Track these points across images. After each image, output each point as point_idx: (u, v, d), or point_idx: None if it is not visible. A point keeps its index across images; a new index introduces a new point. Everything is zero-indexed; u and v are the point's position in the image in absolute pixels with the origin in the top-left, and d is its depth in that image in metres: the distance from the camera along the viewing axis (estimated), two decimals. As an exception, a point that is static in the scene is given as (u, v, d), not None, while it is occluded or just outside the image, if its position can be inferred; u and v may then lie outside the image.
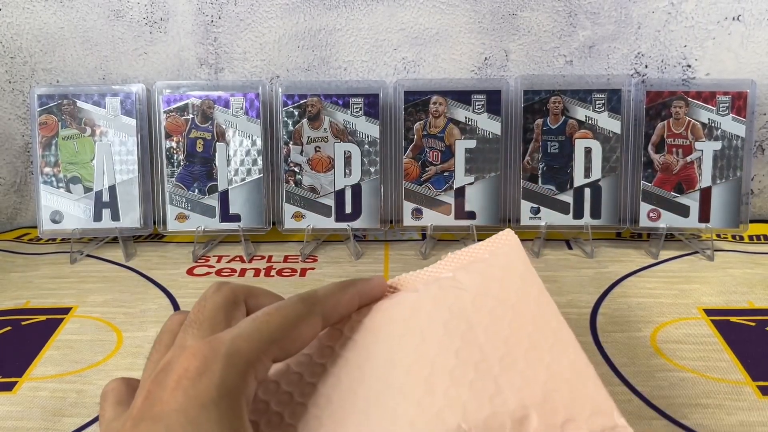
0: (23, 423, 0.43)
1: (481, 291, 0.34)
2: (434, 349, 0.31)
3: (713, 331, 0.51)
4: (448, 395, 0.29)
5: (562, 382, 0.30)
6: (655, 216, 0.65)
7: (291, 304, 0.32)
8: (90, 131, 0.66)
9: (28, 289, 0.59)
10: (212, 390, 0.27)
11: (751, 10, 0.66)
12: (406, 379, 0.30)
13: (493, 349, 0.31)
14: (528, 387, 0.30)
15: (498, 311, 0.33)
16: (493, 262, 0.37)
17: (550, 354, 0.31)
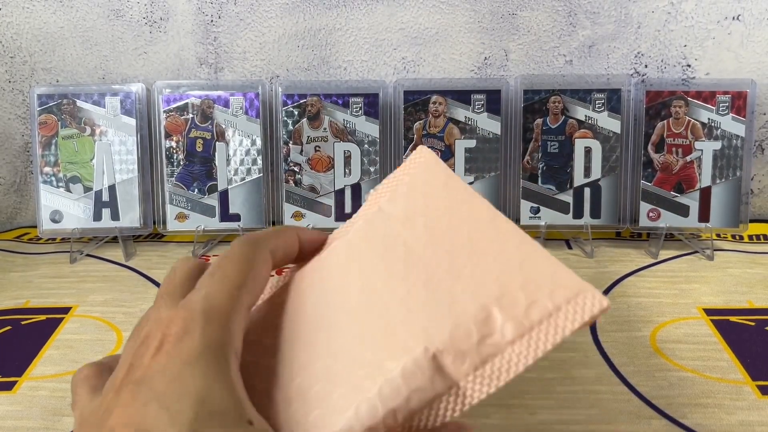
0: (23, 422, 0.43)
1: (409, 212, 0.34)
2: (379, 284, 0.31)
3: (713, 331, 0.51)
4: (406, 324, 0.28)
5: (514, 270, 0.29)
6: (655, 216, 0.64)
7: (238, 249, 0.32)
8: (90, 131, 0.66)
9: (27, 288, 0.59)
10: (195, 347, 0.27)
11: (750, 9, 0.66)
12: (361, 325, 0.30)
13: (438, 263, 0.30)
14: (482, 286, 0.29)
15: (431, 225, 0.32)
16: (414, 181, 0.36)
17: (494, 247, 0.31)
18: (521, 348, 0.27)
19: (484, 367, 0.27)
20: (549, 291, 0.28)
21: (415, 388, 0.27)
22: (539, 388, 0.45)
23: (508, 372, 0.27)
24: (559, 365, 0.47)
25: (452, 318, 0.28)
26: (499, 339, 0.27)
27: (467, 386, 0.27)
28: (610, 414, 0.42)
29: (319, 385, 0.29)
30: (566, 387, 0.45)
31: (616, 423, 0.42)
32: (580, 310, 0.28)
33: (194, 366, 0.26)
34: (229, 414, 0.26)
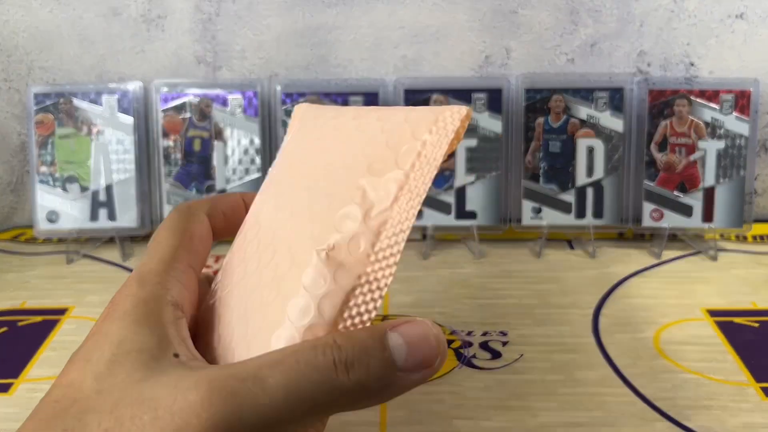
0: (19, 425, 0.42)
1: (286, 158, 0.34)
2: (274, 224, 0.31)
3: (717, 332, 0.51)
4: (297, 244, 0.28)
5: (376, 139, 0.29)
6: (658, 216, 0.64)
7: (170, 217, 0.33)
8: (87, 130, 0.66)
9: (24, 289, 0.59)
10: (126, 306, 0.28)
11: (754, 8, 0.65)
12: (265, 265, 0.30)
13: (314, 182, 0.30)
14: (352, 170, 0.28)
15: (304, 154, 0.32)
16: (292, 140, 0.36)
17: (357, 135, 0.30)
18: (405, 199, 0.27)
19: (380, 240, 0.26)
20: (410, 133, 0.28)
21: (322, 295, 0.26)
22: (541, 390, 0.44)
23: (403, 229, 0.26)
24: (561, 367, 0.47)
25: (331, 212, 0.27)
26: (382, 204, 0.27)
27: (375, 269, 0.26)
28: (613, 416, 0.42)
29: (242, 331, 0.29)
30: (569, 389, 0.44)
31: (620, 425, 0.41)
32: (443, 130, 0.27)
33: (122, 320, 0.27)
34: (149, 350, 0.26)
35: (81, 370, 0.26)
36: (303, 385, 0.24)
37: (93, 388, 0.25)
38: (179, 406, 0.23)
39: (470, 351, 0.49)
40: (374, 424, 0.42)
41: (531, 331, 0.51)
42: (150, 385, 0.24)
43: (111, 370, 0.25)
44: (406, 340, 0.25)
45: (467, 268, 0.61)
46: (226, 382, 0.24)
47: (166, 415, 0.23)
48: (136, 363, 0.25)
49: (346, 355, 0.24)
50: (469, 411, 0.43)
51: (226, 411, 0.23)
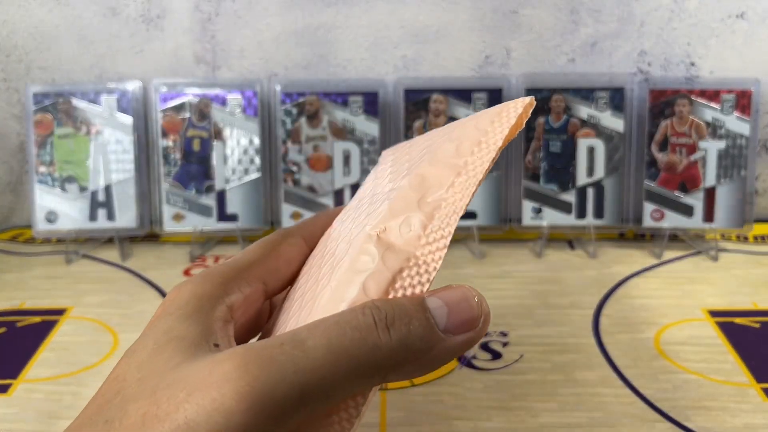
0: (18, 425, 0.42)
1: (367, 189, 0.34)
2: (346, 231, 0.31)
3: (717, 333, 0.50)
4: (356, 243, 0.28)
5: (443, 139, 0.29)
6: (659, 216, 0.64)
7: (267, 237, 0.33)
8: (86, 130, 0.66)
9: (23, 289, 0.59)
10: (180, 300, 0.27)
11: (755, 7, 0.65)
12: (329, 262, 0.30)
13: (384, 192, 0.30)
14: (416, 167, 0.29)
15: (394, 169, 0.33)
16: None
17: (431, 144, 0.30)
18: (461, 183, 0.27)
19: (432, 222, 0.26)
20: (474, 125, 0.28)
21: (369, 275, 0.26)
22: (541, 390, 0.44)
23: (456, 210, 0.26)
24: (562, 368, 0.47)
25: (388, 201, 0.28)
26: (438, 189, 0.27)
27: (425, 252, 0.26)
28: (614, 417, 0.42)
29: (293, 324, 0.29)
30: (569, 390, 0.44)
31: (620, 426, 0.41)
32: (505, 119, 0.28)
33: (172, 315, 0.27)
34: (189, 338, 0.25)
35: (127, 363, 0.25)
36: (344, 344, 0.23)
37: (135, 377, 0.24)
38: (214, 378, 0.22)
39: (470, 351, 0.49)
40: (374, 425, 0.41)
41: (531, 332, 0.51)
42: (185, 367, 0.24)
43: (151, 359, 0.25)
44: (445, 302, 0.25)
45: (467, 268, 0.61)
46: (263, 350, 0.23)
47: (201, 388, 0.22)
48: (177, 349, 0.25)
49: (385, 314, 0.24)
50: (469, 412, 0.43)
51: (265, 377, 0.22)
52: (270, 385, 0.22)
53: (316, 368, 0.22)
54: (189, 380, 0.23)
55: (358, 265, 0.26)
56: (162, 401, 0.23)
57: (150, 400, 0.23)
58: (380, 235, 0.26)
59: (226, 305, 0.28)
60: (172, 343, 0.25)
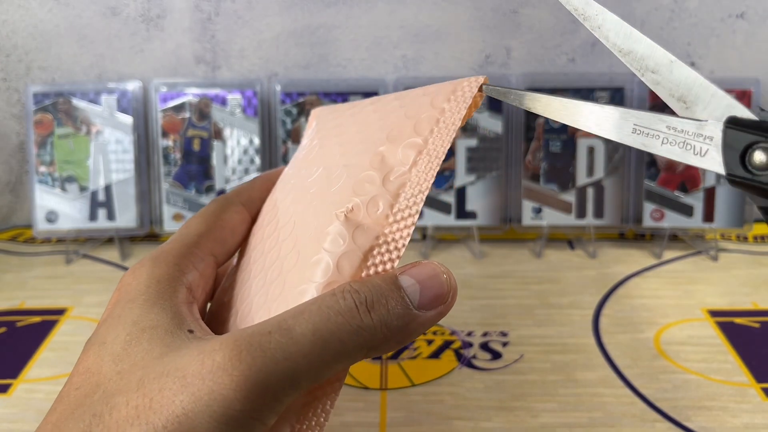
0: (18, 425, 0.42)
1: (312, 157, 0.34)
2: (298, 208, 0.31)
3: (717, 333, 0.50)
4: (318, 218, 0.28)
5: (395, 112, 0.29)
6: (659, 216, 0.64)
7: (207, 206, 0.33)
8: (86, 130, 0.66)
9: (22, 289, 0.59)
10: (139, 285, 0.27)
11: (755, 7, 0.65)
12: (286, 245, 0.30)
13: (335, 162, 0.30)
14: (371, 142, 0.29)
15: (326, 144, 0.33)
16: (309, 141, 0.36)
17: (376, 116, 0.30)
18: (424, 162, 0.27)
19: (398, 201, 0.27)
20: (429, 103, 0.28)
21: (341, 254, 0.26)
22: (541, 390, 0.44)
23: (422, 190, 0.27)
24: (562, 368, 0.47)
25: (351, 179, 0.28)
26: (401, 168, 0.27)
27: (393, 230, 0.27)
28: (614, 417, 0.42)
29: (261, 300, 0.29)
30: (569, 390, 0.44)
31: (620, 426, 0.41)
32: (461, 98, 0.28)
33: (134, 301, 0.27)
34: (162, 327, 0.25)
35: (97, 355, 0.25)
36: (329, 329, 0.24)
37: (113, 370, 0.24)
38: (208, 368, 0.23)
39: (470, 351, 0.49)
40: (374, 425, 0.41)
41: (531, 332, 0.51)
42: (171, 359, 0.24)
43: (127, 350, 0.25)
44: (417, 280, 0.26)
45: (467, 268, 0.61)
46: (252, 338, 0.23)
47: (196, 380, 0.23)
48: (153, 339, 0.25)
49: (365, 297, 0.25)
50: (469, 412, 0.43)
51: (257, 364, 0.23)
52: (264, 373, 0.23)
53: (305, 354, 0.23)
54: (180, 371, 0.23)
55: (327, 245, 0.27)
56: (154, 393, 0.23)
57: (139, 392, 0.23)
58: (348, 215, 0.27)
59: (185, 287, 0.28)
60: (146, 333, 0.25)
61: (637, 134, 0.25)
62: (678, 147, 0.24)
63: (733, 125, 0.23)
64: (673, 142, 0.24)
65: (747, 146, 0.23)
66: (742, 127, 0.23)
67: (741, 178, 0.23)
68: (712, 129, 0.24)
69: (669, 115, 0.25)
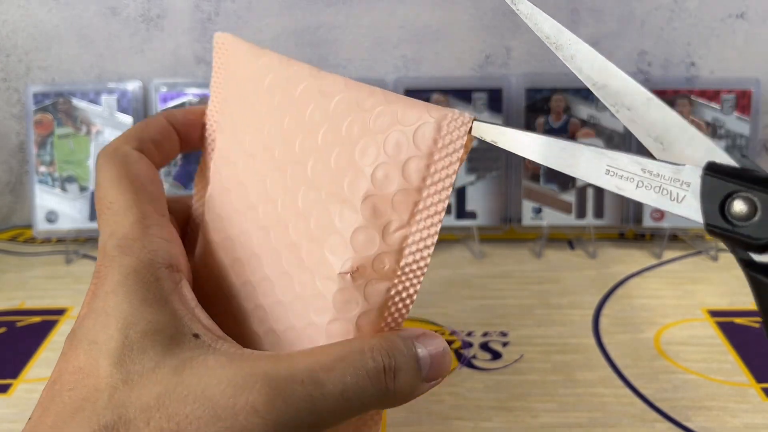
0: (18, 426, 0.42)
1: (257, 129, 0.32)
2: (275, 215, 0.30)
3: (717, 333, 0.50)
4: (312, 255, 0.28)
5: (369, 141, 0.27)
6: (659, 216, 0.64)
7: (101, 168, 0.30)
8: (86, 130, 0.66)
9: (22, 289, 0.59)
10: (117, 278, 0.26)
11: (755, 7, 0.65)
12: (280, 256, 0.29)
13: (314, 180, 0.28)
14: (351, 182, 0.27)
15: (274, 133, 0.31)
16: (230, 84, 0.34)
17: (337, 127, 0.28)
18: (424, 219, 0.26)
19: (404, 257, 0.26)
20: (409, 139, 0.26)
21: (358, 316, 0.27)
22: (541, 390, 0.44)
23: (428, 246, 0.26)
24: (562, 368, 0.47)
25: (343, 234, 0.27)
26: (398, 221, 0.26)
27: (403, 280, 0.27)
28: (614, 417, 0.42)
29: (274, 317, 0.29)
30: (569, 390, 0.44)
31: (620, 426, 0.41)
32: (450, 145, 0.26)
33: (117, 293, 0.25)
34: (164, 331, 0.25)
35: (88, 354, 0.24)
36: (356, 391, 0.25)
37: (117, 378, 0.23)
38: (241, 407, 0.23)
39: (470, 351, 0.49)
40: (374, 425, 0.41)
41: (531, 332, 0.51)
42: (189, 376, 0.24)
43: (130, 357, 0.24)
44: (429, 353, 0.27)
45: (467, 268, 0.61)
46: (287, 385, 0.24)
47: (229, 416, 0.23)
48: (157, 347, 0.24)
49: (393, 363, 0.26)
50: (469, 412, 0.43)
51: (288, 412, 0.23)
52: (293, 421, 0.24)
53: (331, 410, 0.24)
54: (208, 400, 0.23)
55: (340, 306, 0.27)
56: (180, 418, 0.23)
57: (162, 413, 0.23)
58: (353, 275, 0.26)
59: (165, 267, 0.27)
60: (148, 339, 0.24)
61: (611, 176, 0.23)
62: (653, 192, 0.23)
63: (712, 172, 0.22)
64: (648, 186, 0.23)
65: (726, 195, 0.22)
66: (722, 174, 0.22)
67: (720, 229, 0.22)
68: (689, 174, 0.22)
69: (645, 157, 0.23)
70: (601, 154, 0.24)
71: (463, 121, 0.26)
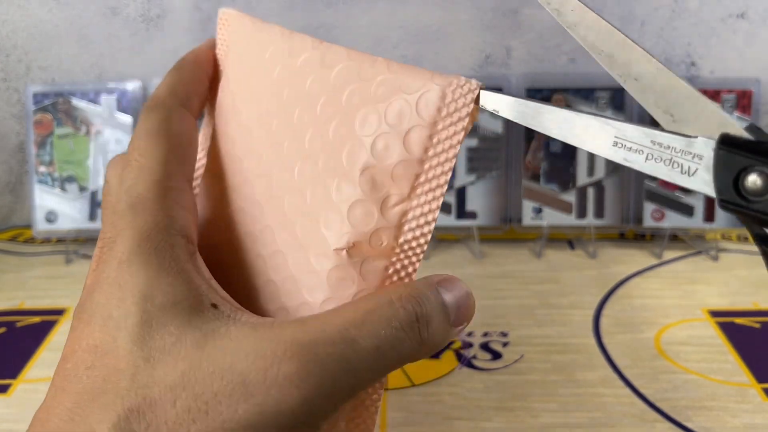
0: (18, 426, 0.42)
1: (260, 101, 0.30)
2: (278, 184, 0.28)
3: (718, 333, 0.50)
4: (308, 231, 0.26)
5: (370, 105, 0.26)
6: (659, 216, 0.64)
7: (145, 122, 0.28)
8: (85, 130, 0.65)
9: (22, 289, 0.59)
10: (129, 245, 0.24)
11: (756, 7, 0.65)
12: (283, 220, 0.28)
13: (312, 153, 0.27)
14: (349, 154, 0.26)
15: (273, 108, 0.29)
16: (235, 59, 0.32)
17: (341, 98, 0.26)
18: (425, 192, 0.25)
19: (403, 233, 0.25)
20: (413, 107, 0.25)
21: (353, 294, 0.25)
22: (542, 390, 0.44)
23: (429, 221, 0.25)
24: (562, 368, 0.46)
25: (338, 208, 0.25)
26: (397, 195, 0.25)
27: (401, 257, 0.26)
28: (614, 417, 0.42)
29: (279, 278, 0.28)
30: (569, 390, 0.44)
31: (620, 426, 0.41)
32: (455, 112, 0.25)
33: (131, 263, 0.23)
34: (183, 302, 0.23)
35: (103, 331, 0.23)
36: (391, 343, 0.23)
37: (138, 356, 0.22)
38: (273, 379, 0.21)
39: (470, 352, 0.49)
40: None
41: (531, 332, 0.51)
42: (212, 350, 0.22)
43: (150, 333, 0.22)
44: (455, 297, 0.26)
45: (467, 268, 0.61)
46: (319, 348, 0.22)
47: (261, 391, 0.21)
48: (177, 320, 0.22)
49: (424, 311, 0.24)
50: (469, 412, 0.43)
51: (324, 377, 0.22)
52: (329, 387, 0.22)
53: (366, 368, 0.23)
54: (237, 375, 0.21)
55: (333, 282, 0.26)
56: (207, 396, 0.21)
57: (188, 392, 0.21)
58: (349, 251, 0.25)
59: (180, 235, 0.25)
60: (167, 312, 0.23)
61: (618, 147, 0.22)
62: (664, 164, 0.22)
63: (725, 145, 0.21)
64: (658, 159, 0.22)
65: (741, 169, 0.21)
66: (736, 148, 0.21)
67: (734, 204, 0.21)
68: (701, 147, 0.21)
69: (654, 128, 0.22)
70: (608, 124, 0.23)
71: (469, 88, 0.25)
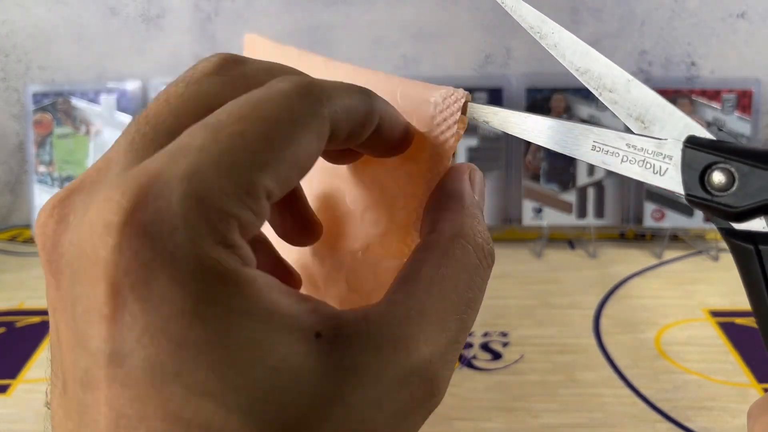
0: (17, 426, 0.42)
1: None
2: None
3: (718, 333, 0.50)
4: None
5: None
6: (659, 216, 0.64)
7: (280, 95, 0.18)
8: (85, 129, 0.65)
9: (22, 289, 0.59)
10: (172, 208, 0.15)
11: (755, 7, 0.65)
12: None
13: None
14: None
15: None
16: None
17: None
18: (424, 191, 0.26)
19: (412, 234, 0.26)
20: (418, 116, 0.25)
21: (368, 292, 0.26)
22: (542, 391, 0.44)
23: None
24: (563, 368, 0.46)
25: (353, 210, 0.27)
26: (402, 199, 0.26)
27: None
28: (614, 417, 0.42)
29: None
30: (570, 390, 0.44)
31: (620, 426, 0.41)
32: (449, 117, 0.26)
33: (208, 322, 0.14)
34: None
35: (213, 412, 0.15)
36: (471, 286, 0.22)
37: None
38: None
39: (471, 352, 0.48)
40: (374, 425, 0.41)
41: (531, 332, 0.51)
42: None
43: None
44: (475, 185, 0.25)
45: (467, 268, 0.61)
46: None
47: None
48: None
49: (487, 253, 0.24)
50: (469, 412, 0.42)
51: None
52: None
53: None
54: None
55: (362, 288, 0.26)
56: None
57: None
58: (363, 254, 0.26)
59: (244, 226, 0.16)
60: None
61: (597, 151, 0.25)
62: (637, 165, 0.24)
63: (692, 145, 0.24)
64: (633, 161, 0.24)
65: (706, 166, 0.23)
66: (701, 147, 0.23)
67: (700, 199, 0.23)
68: (671, 148, 0.24)
69: (629, 132, 0.25)
70: (588, 130, 0.25)
71: (456, 98, 0.26)
